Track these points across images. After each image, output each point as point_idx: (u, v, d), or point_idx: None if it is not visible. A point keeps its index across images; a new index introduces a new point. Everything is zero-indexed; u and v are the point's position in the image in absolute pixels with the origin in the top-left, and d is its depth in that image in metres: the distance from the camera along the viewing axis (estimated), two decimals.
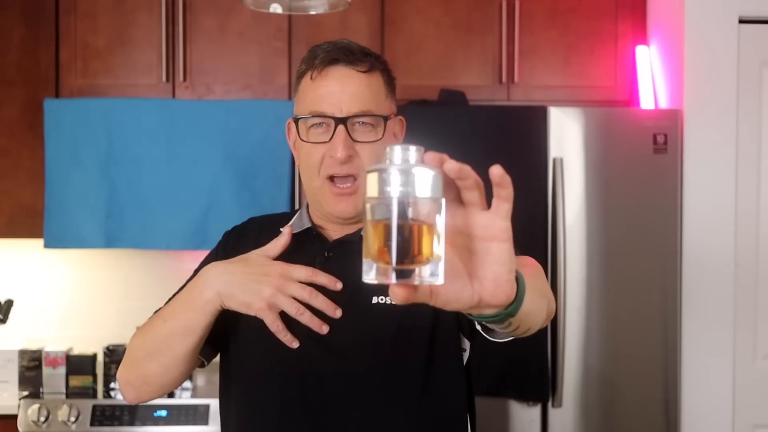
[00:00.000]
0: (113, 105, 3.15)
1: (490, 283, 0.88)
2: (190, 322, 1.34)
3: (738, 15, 2.90)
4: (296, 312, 1.30)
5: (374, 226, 0.81)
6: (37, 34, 3.19)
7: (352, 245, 1.40)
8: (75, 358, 3.20)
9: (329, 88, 1.38)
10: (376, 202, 0.81)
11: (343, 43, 1.41)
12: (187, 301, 1.35)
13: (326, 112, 1.38)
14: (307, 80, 1.42)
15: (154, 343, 1.39)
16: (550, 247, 2.80)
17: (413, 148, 0.82)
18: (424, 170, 0.81)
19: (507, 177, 0.86)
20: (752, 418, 2.93)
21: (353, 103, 1.38)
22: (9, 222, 3.19)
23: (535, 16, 3.24)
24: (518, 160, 2.80)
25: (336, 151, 1.37)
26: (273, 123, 3.16)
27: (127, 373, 1.45)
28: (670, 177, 2.84)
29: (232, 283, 1.31)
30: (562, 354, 2.77)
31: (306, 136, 1.41)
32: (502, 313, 0.93)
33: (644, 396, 2.84)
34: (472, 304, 0.89)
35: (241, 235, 1.53)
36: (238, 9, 3.17)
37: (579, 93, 3.24)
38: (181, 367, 1.40)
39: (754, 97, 2.93)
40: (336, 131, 1.37)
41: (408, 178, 0.80)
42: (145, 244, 3.18)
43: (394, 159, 0.82)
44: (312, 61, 1.40)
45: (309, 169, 1.42)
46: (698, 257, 2.88)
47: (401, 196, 0.80)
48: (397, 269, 0.80)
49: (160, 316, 1.40)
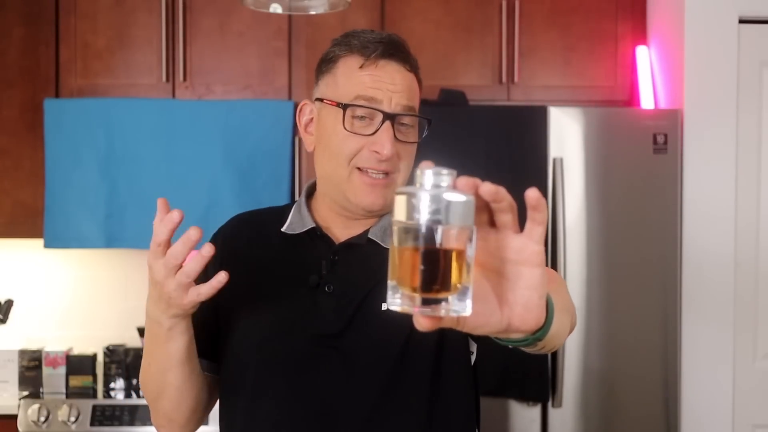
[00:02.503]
0: (113, 105, 3.15)
1: (521, 308, 0.85)
2: (171, 353, 1.30)
3: (738, 15, 2.90)
4: (179, 274, 1.19)
5: (401, 252, 0.78)
6: (37, 34, 3.19)
7: (360, 248, 1.37)
8: (75, 358, 3.20)
9: (381, 81, 1.34)
10: (404, 226, 0.78)
11: (393, 38, 1.38)
12: (155, 340, 1.31)
13: (376, 103, 1.33)
14: (352, 66, 1.35)
15: (155, 386, 1.36)
16: (550, 247, 2.80)
17: (446, 172, 0.79)
18: (456, 196, 0.78)
19: (543, 200, 0.84)
20: (752, 419, 2.93)
21: (402, 99, 1.34)
22: (9, 222, 3.19)
23: (535, 16, 3.24)
24: (518, 160, 2.80)
25: (383, 147, 1.31)
26: (273, 123, 3.16)
27: (155, 418, 1.43)
28: (670, 177, 2.84)
29: (155, 300, 1.25)
30: (562, 354, 2.77)
31: (350, 125, 1.33)
32: (530, 338, 0.92)
33: (644, 396, 2.83)
34: (501, 329, 0.86)
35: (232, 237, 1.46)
36: (238, 9, 3.17)
37: (579, 93, 3.24)
38: (191, 394, 1.37)
39: (754, 97, 2.93)
40: (383, 126, 1.32)
41: (439, 204, 0.77)
42: (145, 244, 3.10)
43: (425, 183, 0.78)
44: (364, 49, 1.34)
45: (338, 157, 1.35)
46: (698, 257, 2.88)
47: (431, 223, 0.77)
48: (423, 297, 0.77)
49: (144, 360, 1.38)
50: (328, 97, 1.37)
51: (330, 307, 1.33)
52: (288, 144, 3.18)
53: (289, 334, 1.34)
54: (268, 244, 1.43)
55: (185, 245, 1.16)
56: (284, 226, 1.42)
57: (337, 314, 1.34)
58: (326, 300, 1.34)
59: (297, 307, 1.35)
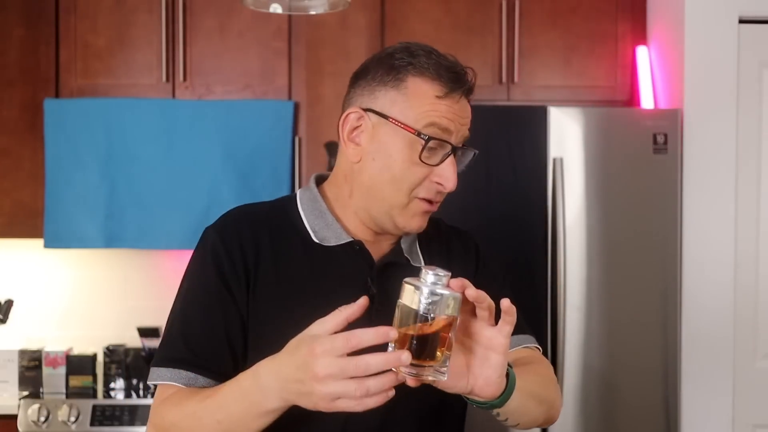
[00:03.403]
0: (113, 105, 3.16)
1: (482, 381, 1.13)
2: (250, 426, 1.17)
3: (738, 15, 2.90)
4: (361, 392, 1.06)
5: (401, 327, 1.04)
6: (37, 34, 3.19)
7: (401, 269, 1.31)
8: (75, 358, 3.20)
9: (458, 114, 1.30)
10: (407, 309, 1.04)
11: (468, 75, 1.34)
12: (247, 409, 1.16)
13: (449, 137, 1.29)
14: (428, 92, 1.29)
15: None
16: (550, 247, 2.80)
17: (442, 274, 1.04)
18: (448, 292, 1.04)
19: (513, 308, 1.12)
20: (752, 418, 2.93)
21: (466, 132, 1.33)
22: (9, 222, 3.19)
23: (535, 16, 3.24)
24: (518, 160, 2.80)
25: (448, 181, 1.29)
26: (273, 123, 3.16)
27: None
28: (670, 177, 2.84)
29: (287, 388, 1.11)
30: (562, 353, 2.77)
31: (426, 158, 1.28)
32: (488, 403, 1.17)
33: (644, 396, 2.83)
34: (465, 392, 1.15)
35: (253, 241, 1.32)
36: (238, 9, 3.17)
37: (579, 93, 3.24)
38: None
39: (754, 97, 2.93)
40: (449, 159, 1.29)
41: (434, 298, 1.03)
42: (145, 244, 3.18)
43: (426, 279, 1.04)
44: (440, 77, 1.30)
45: (400, 184, 1.29)
46: (698, 257, 2.88)
47: (426, 311, 1.03)
48: (413, 363, 1.03)
49: (212, 416, 1.19)
50: (394, 116, 1.28)
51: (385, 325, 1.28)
52: (288, 144, 3.18)
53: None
54: (298, 255, 1.32)
55: (375, 338, 1.06)
56: (312, 235, 1.34)
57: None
58: (380, 320, 1.23)
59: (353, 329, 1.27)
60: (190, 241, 3.15)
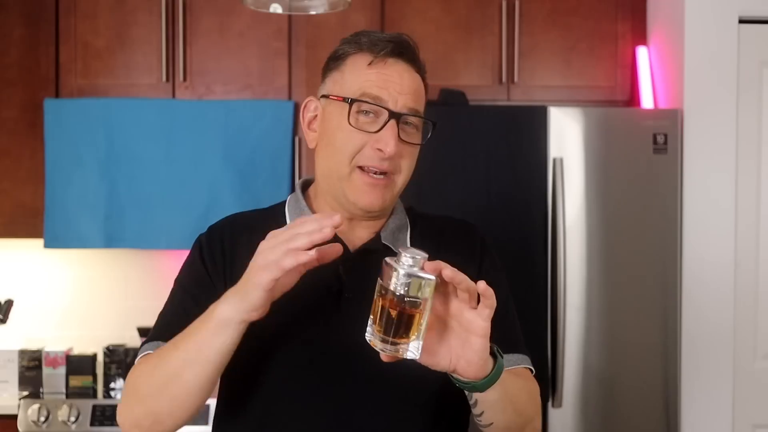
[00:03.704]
0: (113, 105, 3.16)
1: (464, 362, 1.15)
2: (205, 347, 1.20)
3: (738, 15, 2.90)
4: (294, 257, 1.13)
5: (379, 305, 1.10)
6: (37, 34, 3.19)
7: (374, 253, 1.34)
8: (75, 358, 3.20)
9: (389, 78, 1.33)
10: (384, 288, 1.09)
11: (403, 38, 1.37)
12: (201, 327, 1.21)
13: (382, 101, 1.31)
14: (360, 63, 1.34)
15: (164, 374, 1.24)
16: (550, 247, 2.80)
17: (419, 257, 1.09)
18: (422, 275, 1.08)
19: (490, 290, 1.12)
20: (752, 418, 2.93)
21: (409, 100, 1.33)
22: (9, 222, 3.19)
23: (535, 16, 3.24)
24: (518, 160, 2.80)
25: (387, 145, 1.30)
26: (273, 123, 3.16)
27: (132, 412, 1.28)
28: (670, 177, 2.84)
29: (237, 288, 1.19)
30: (562, 354, 2.77)
31: (355, 121, 1.32)
32: (471, 384, 1.17)
33: (644, 396, 2.83)
34: (449, 370, 1.16)
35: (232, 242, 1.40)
36: (238, 9, 3.17)
37: (579, 93, 3.25)
38: (195, 400, 1.25)
39: (754, 97, 2.93)
40: (388, 124, 1.31)
41: (410, 279, 1.08)
42: (145, 244, 3.18)
43: (403, 261, 1.09)
44: (373, 47, 1.34)
45: (340, 154, 1.33)
46: (698, 257, 2.88)
47: (402, 291, 1.08)
48: (388, 340, 1.10)
49: (171, 343, 1.25)
50: (334, 94, 1.35)
51: (353, 314, 1.28)
52: (288, 144, 3.19)
53: (316, 346, 1.31)
54: None
55: (323, 226, 1.14)
56: None
57: (361, 322, 1.29)
58: (349, 308, 1.32)
59: (320, 315, 1.33)
60: (190, 241, 3.10)
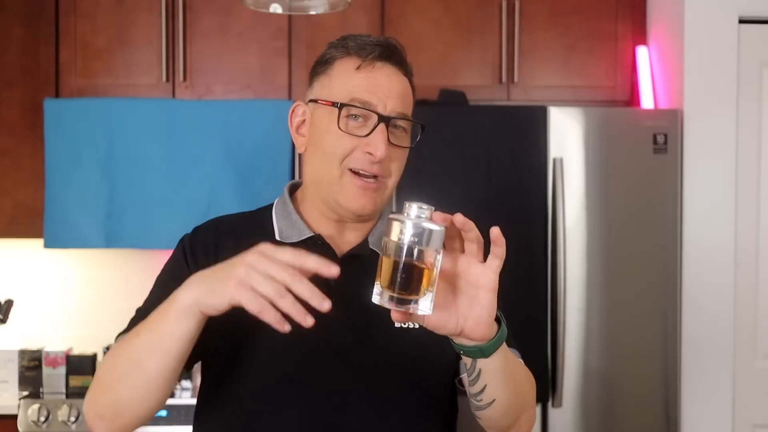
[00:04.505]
0: (113, 105, 3.15)
1: (472, 322, 1.10)
2: (165, 335, 1.16)
3: (738, 15, 2.90)
4: (275, 293, 1.06)
5: (387, 261, 1.05)
6: (37, 34, 3.19)
7: (362, 258, 1.35)
8: (75, 358, 3.20)
9: (378, 82, 1.33)
10: (392, 243, 1.04)
11: (390, 42, 1.37)
12: (162, 313, 1.17)
13: (371, 105, 1.31)
14: (348, 68, 1.34)
15: (125, 363, 1.21)
16: (550, 247, 2.80)
17: (426, 207, 1.05)
18: (431, 226, 1.04)
19: (502, 238, 1.08)
20: (752, 418, 2.93)
21: (397, 104, 1.33)
22: (9, 222, 3.19)
23: (535, 16, 3.24)
24: (518, 160, 2.80)
25: (376, 149, 1.29)
26: (273, 123, 3.16)
27: (95, 403, 1.26)
28: (670, 177, 2.84)
29: (206, 278, 1.14)
30: (562, 354, 2.77)
31: (344, 126, 1.31)
32: (476, 347, 1.13)
33: (644, 396, 2.83)
34: (455, 333, 1.11)
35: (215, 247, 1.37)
36: (238, 9, 3.17)
37: (579, 93, 3.25)
38: (156, 390, 1.20)
39: (754, 97, 2.93)
40: (377, 128, 1.30)
41: (418, 230, 1.03)
42: (145, 244, 3.18)
43: (410, 213, 1.05)
44: (360, 51, 1.33)
45: (330, 157, 1.32)
46: (698, 257, 2.88)
47: (410, 245, 1.03)
48: (397, 297, 1.05)
49: (133, 332, 1.24)
50: (322, 98, 1.35)
51: (341, 320, 1.28)
52: (288, 144, 3.18)
53: (301, 348, 1.30)
54: None
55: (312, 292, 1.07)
56: (276, 234, 1.38)
57: (349, 328, 1.32)
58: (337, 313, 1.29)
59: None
60: None
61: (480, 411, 1.28)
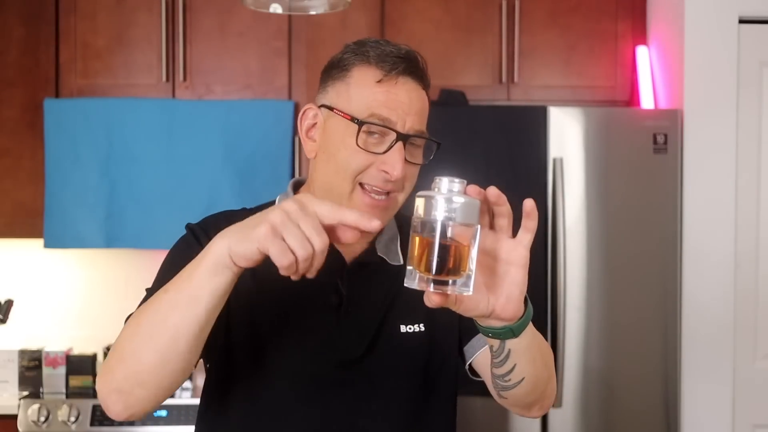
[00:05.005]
0: (113, 105, 3.16)
1: (504, 300, 1.06)
2: (197, 287, 1.07)
3: (738, 15, 2.90)
4: (302, 251, 0.99)
5: (420, 241, 0.96)
6: (37, 34, 3.19)
7: (373, 268, 1.34)
8: (75, 358, 3.20)
9: (399, 98, 1.29)
10: (423, 221, 0.96)
11: (412, 55, 1.33)
12: (193, 266, 1.08)
13: (391, 123, 1.27)
14: (368, 79, 1.29)
15: (149, 324, 1.11)
16: (550, 247, 2.80)
17: (458, 181, 0.98)
18: (465, 199, 0.97)
19: (536, 211, 1.04)
20: (752, 418, 2.93)
21: (416, 121, 1.30)
22: (9, 222, 3.19)
23: (535, 16, 3.24)
24: (518, 160, 2.80)
25: (393, 168, 1.26)
26: (273, 123, 3.16)
27: (111, 376, 1.14)
28: (670, 177, 2.84)
29: (240, 226, 1.06)
30: (562, 354, 2.77)
31: (362, 141, 1.27)
32: (507, 327, 1.09)
33: (644, 396, 2.83)
34: (486, 314, 1.07)
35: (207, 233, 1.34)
36: (238, 9, 3.17)
37: (579, 93, 3.25)
38: (182, 353, 1.10)
39: (754, 97, 2.93)
40: (395, 147, 1.27)
41: (452, 205, 0.96)
42: (145, 244, 3.18)
43: (441, 188, 0.97)
44: (382, 63, 1.29)
45: (343, 172, 1.28)
46: (698, 257, 2.88)
47: (445, 220, 0.95)
48: (435, 279, 0.96)
49: (159, 291, 1.14)
50: (339, 108, 1.30)
51: (353, 329, 1.29)
52: (288, 144, 3.19)
53: (313, 354, 1.30)
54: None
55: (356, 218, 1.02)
56: None
57: (360, 337, 1.32)
58: (348, 322, 1.31)
59: (319, 328, 1.31)
60: None
61: (507, 391, 1.25)
